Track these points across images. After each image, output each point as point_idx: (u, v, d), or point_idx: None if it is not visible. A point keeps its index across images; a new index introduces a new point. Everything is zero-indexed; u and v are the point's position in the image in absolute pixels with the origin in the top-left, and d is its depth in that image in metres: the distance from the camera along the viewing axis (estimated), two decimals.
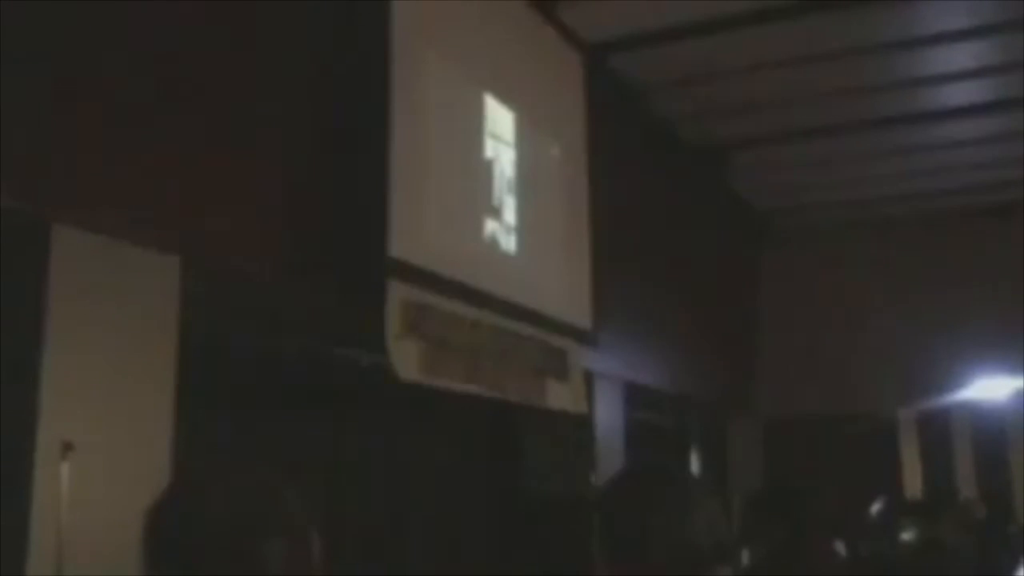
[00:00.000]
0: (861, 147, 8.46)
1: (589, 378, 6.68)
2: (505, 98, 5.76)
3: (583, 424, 6.73)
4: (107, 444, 3.40)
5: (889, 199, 9.67)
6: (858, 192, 9.58)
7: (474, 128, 5.51)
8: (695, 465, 9.77)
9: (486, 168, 5.58)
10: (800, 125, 8.09)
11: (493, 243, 5.58)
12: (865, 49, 6.85)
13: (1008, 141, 8.16)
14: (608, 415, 7.19)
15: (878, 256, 9.98)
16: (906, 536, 5.69)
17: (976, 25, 6.49)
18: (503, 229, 5.66)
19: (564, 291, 6.24)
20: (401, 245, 4.61)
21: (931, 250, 9.79)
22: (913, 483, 9.71)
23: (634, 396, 7.66)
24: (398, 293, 4.64)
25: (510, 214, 5.73)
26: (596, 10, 6.34)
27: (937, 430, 10.05)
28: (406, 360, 4.67)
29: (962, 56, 6.95)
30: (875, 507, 6.20)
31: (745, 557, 4.24)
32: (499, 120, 5.72)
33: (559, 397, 6.08)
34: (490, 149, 5.61)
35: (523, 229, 5.81)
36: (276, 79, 4.32)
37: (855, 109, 7.80)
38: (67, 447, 3.16)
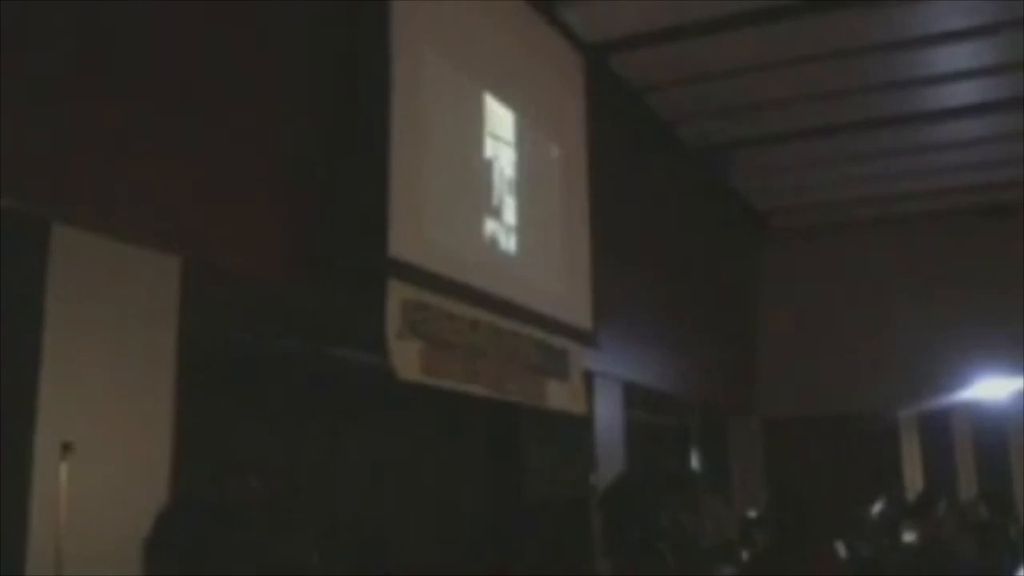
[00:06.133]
0: (861, 147, 8.46)
1: (589, 378, 6.68)
2: (505, 98, 5.75)
3: (583, 424, 6.73)
4: (107, 444, 3.40)
5: (889, 199, 9.68)
6: (858, 192, 9.58)
7: (474, 128, 5.50)
8: (695, 465, 9.77)
9: (486, 168, 5.58)
10: (800, 125, 8.09)
11: (493, 243, 5.58)
12: (865, 49, 6.85)
13: (1008, 141, 8.16)
14: (608, 415, 7.19)
15: (878, 256, 9.98)
16: (907, 536, 5.68)
17: (976, 25, 6.49)
18: (503, 229, 5.66)
19: (564, 291, 6.23)
20: (401, 245, 4.60)
21: (931, 250, 9.79)
22: (914, 483, 9.70)
23: (634, 396, 7.66)
24: (398, 293, 4.64)
25: (510, 214, 5.73)
26: (596, 10, 6.34)
27: (937, 430, 10.05)
28: (406, 360, 4.67)
29: (962, 56, 6.95)
30: (876, 507, 6.19)
31: (746, 557, 4.25)
32: (499, 120, 5.72)
33: (559, 397, 6.08)
34: (490, 149, 5.61)
35: (523, 229, 5.81)
36: (276, 79, 4.32)
37: (855, 109, 7.80)
38: (67, 447, 3.16)
